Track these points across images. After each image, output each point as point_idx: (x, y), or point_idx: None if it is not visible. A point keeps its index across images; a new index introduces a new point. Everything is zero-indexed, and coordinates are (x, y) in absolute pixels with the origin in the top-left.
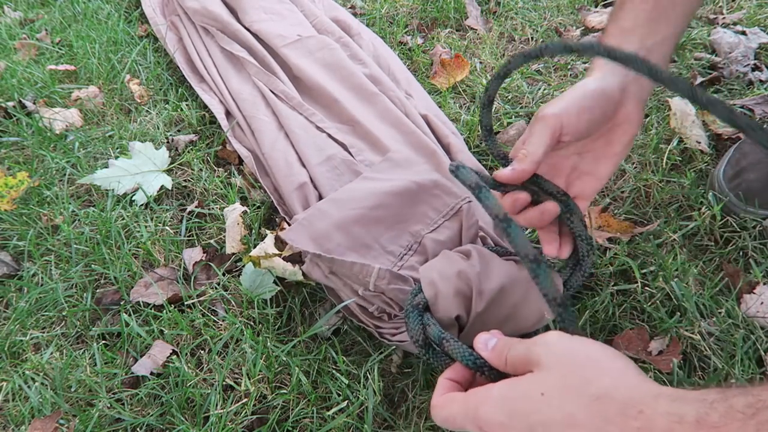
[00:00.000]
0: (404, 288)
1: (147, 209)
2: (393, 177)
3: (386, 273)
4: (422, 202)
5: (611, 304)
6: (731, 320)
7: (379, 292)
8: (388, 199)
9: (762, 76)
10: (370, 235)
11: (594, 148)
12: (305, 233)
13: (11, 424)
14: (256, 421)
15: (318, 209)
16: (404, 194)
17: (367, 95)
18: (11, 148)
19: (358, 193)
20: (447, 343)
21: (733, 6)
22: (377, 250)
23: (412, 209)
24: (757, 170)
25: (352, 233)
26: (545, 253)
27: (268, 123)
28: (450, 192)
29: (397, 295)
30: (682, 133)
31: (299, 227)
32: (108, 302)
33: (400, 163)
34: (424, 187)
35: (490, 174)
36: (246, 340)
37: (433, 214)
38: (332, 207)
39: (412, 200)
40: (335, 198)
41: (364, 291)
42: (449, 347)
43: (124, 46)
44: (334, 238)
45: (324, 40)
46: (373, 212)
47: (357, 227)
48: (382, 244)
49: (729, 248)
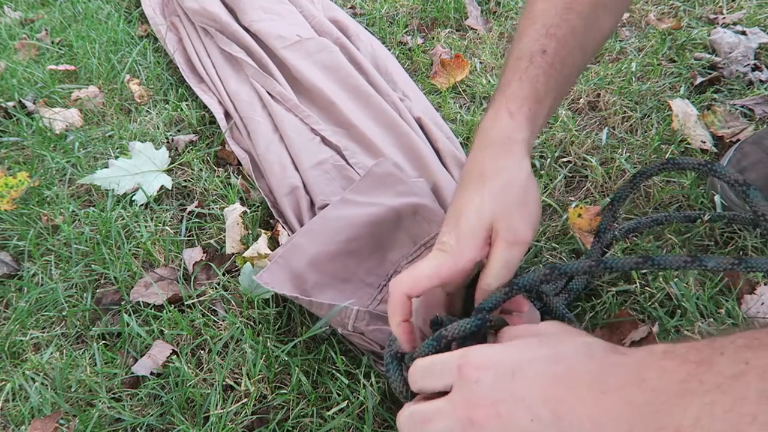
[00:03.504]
0: (383, 328)
1: (147, 209)
2: (372, 201)
3: (365, 315)
4: (400, 229)
5: (611, 304)
6: (731, 320)
7: (359, 333)
8: (366, 229)
9: (762, 76)
10: (347, 270)
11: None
12: (281, 274)
13: (11, 424)
14: (256, 421)
15: (293, 245)
16: (382, 223)
17: (364, 97)
18: (11, 148)
19: (334, 224)
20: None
21: (733, 6)
22: (356, 283)
23: (391, 236)
24: (758, 170)
25: (329, 270)
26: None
27: (264, 125)
28: (431, 218)
29: (377, 336)
30: (686, 134)
31: (275, 267)
32: (108, 302)
33: (383, 179)
34: (403, 214)
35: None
36: (246, 340)
37: (411, 243)
38: (308, 242)
39: (391, 227)
40: (311, 229)
41: (343, 331)
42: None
43: (124, 46)
44: (310, 277)
45: (323, 42)
46: (350, 245)
47: (333, 263)
48: (360, 277)
49: (729, 248)
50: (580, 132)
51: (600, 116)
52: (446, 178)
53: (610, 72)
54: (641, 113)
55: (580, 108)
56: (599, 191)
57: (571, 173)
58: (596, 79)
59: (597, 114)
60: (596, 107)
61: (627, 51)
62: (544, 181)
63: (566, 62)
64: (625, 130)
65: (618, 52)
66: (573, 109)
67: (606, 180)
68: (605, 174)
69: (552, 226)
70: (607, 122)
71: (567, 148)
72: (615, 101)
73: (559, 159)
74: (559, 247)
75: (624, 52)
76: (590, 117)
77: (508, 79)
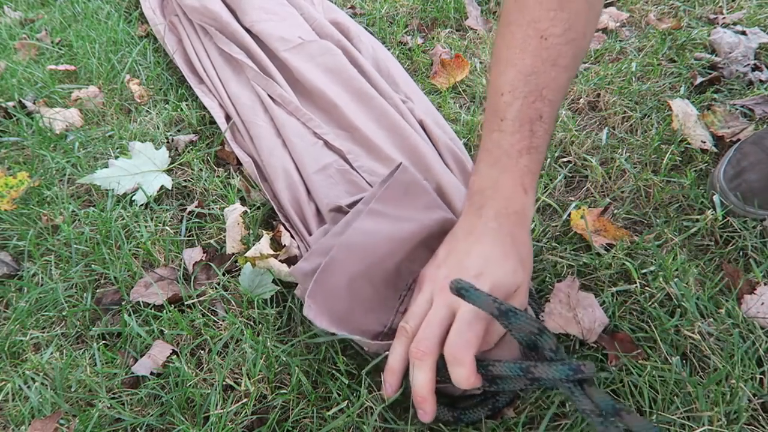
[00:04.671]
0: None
1: (147, 209)
2: (401, 214)
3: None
4: (427, 247)
5: (612, 305)
6: (731, 320)
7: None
8: (398, 245)
9: (762, 76)
10: (379, 291)
11: None
12: (326, 297)
13: (11, 424)
14: (256, 421)
15: (332, 259)
16: (412, 239)
17: (366, 99)
18: (11, 148)
19: (369, 239)
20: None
21: (733, 6)
22: (390, 303)
23: (417, 251)
24: (758, 171)
25: (367, 290)
26: None
27: (267, 129)
28: None
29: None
30: (686, 134)
31: (318, 291)
32: (108, 302)
33: (408, 189)
34: (433, 233)
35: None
36: (246, 340)
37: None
38: (346, 255)
39: (419, 244)
40: (348, 243)
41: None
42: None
43: (124, 46)
44: (350, 300)
45: (326, 45)
46: (385, 263)
47: (371, 283)
48: (384, 293)
49: (729, 248)
50: (580, 132)
51: (600, 116)
52: (450, 179)
53: (610, 72)
54: (641, 113)
55: (580, 108)
56: (599, 191)
57: (571, 173)
58: (596, 79)
59: (597, 114)
60: (596, 107)
61: (627, 51)
62: (544, 181)
63: (555, 118)
64: (625, 130)
65: (618, 52)
66: (573, 109)
67: (606, 180)
68: (605, 174)
69: (552, 226)
70: (607, 122)
71: (567, 148)
72: (615, 101)
73: (559, 159)
74: (559, 247)
75: (624, 52)
76: (590, 117)
77: (513, 145)
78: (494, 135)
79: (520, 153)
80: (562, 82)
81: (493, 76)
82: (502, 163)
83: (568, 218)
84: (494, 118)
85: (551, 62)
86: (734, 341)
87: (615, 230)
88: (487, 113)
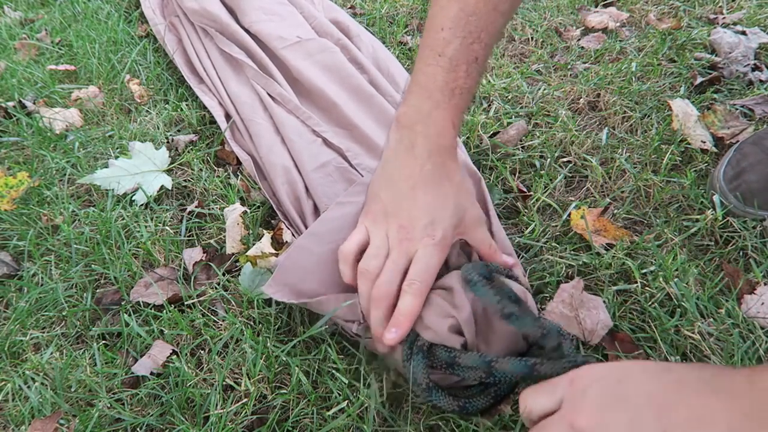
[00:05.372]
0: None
1: (147, 209)
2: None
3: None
4: None
5: (612, 305)
6: (731, 320)
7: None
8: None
9: (762, 76)
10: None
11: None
12: (289, 277)
13: (11, 424)
14: (256, 421)
15: (298, 246)
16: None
17: (365, 97)
18: (11, 148)
19: (334, 224)
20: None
21: (733, 6)
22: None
23: None
24: (757, 171)
25: (333, 271)
26: None
27: (266, 127)
28: None
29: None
30: (686, 134)
31: (283, 272)
32: (108, 302)
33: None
34: None
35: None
36: (246, 340)
37: None
38: (312, 242)
39: None
40: (314, 231)
41: (351, 330)
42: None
43: (124, 46)
44: (317, 278)
45: (324, 43)
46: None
47: (335, 265)
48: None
49: (729, 248)
50: (580, 132)
51: (600, 116)
52: None
53: (610, 72)
54: (641, 113)
55: (580, 108)
56: (599, 191)
57: (571, 173)
58: (596, 79)
59: (597, 114)
60: (596, 107)
61: (627, 51)
62: (544, 181)
63: (486, 64)
64: (625, 130)
65: (618, 52)
66: (573, 109)
67: (606, 180)
68: (605, 174)
69: (552, 226)
70: (607, 122)
71: (567, 148)
72: (615, 101)
73: (559, 159)
74: (559, 247)
75: (624, 52)
76: (590, 117)
77: (448, 83)
78: (430, 69)
79: (453, 91)
80: (499, 26)
81: (434, 10)
82: (435, 99)
83: (568, 218)
84: (431, 52)
85: (492, 6)
86: (734, 341)
87: (615, 230)
88: (423, 46)
